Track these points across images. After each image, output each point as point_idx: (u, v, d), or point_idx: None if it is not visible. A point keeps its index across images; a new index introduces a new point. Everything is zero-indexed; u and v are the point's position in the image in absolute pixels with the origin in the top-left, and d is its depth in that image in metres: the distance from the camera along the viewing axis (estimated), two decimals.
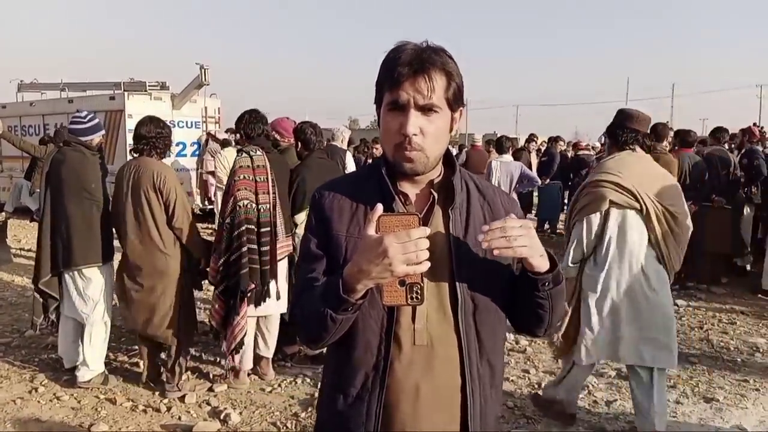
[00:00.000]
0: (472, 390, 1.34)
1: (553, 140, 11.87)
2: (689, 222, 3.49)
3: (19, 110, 13.75)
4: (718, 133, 7.76)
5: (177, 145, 11.71)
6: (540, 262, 1.28)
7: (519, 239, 1.21)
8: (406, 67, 1.27)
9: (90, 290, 4.19)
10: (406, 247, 1.10)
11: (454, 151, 14.89)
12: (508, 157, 7.83)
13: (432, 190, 1.39)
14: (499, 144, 8.03)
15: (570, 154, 12.69)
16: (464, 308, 1.33)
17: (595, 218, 3.39)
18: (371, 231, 1.16)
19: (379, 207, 1.17)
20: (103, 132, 4.50)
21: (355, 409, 1.35)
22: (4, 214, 11.93)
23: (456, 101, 1.34)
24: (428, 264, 1.12)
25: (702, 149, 7.51)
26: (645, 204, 3.33)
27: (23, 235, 10.22)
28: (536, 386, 4.36)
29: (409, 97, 1.28)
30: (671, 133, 8.50)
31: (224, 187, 4.64)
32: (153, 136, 4.01)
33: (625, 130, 3.49)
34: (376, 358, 1.32)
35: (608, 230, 3.38)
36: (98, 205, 4.18)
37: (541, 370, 4.68)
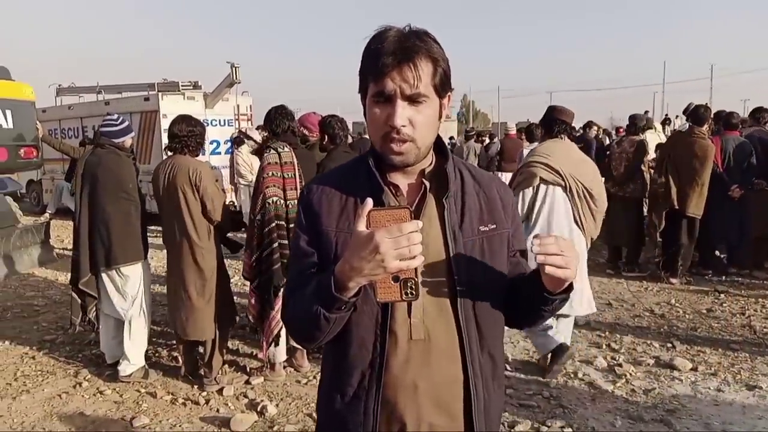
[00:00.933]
0: (475, 384, 1.31)
1: (587, 126, 11.61)
2: (605, 198, 4.27)
3: (58, 114, 14.12)
4: (758, 113, 7.51)
5: (211, 143, 11.91)
6: (564, 284, 1.24)
7: (571, 263, 1.18)
8: (390, 57, 1.21)
9: (128, 287, 4.31)
10: (398, 242, 1.06)
11: (486, 140, 14.80)
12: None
13: (423, 179, 1.34)
14: (530, 132, 7.93)
15: (607, 140, 12.43)
16: (463, 300, 1.30)
17: (528, 192, 4.12)
18: (362, 227, 1.11)
19: (369, 202, 1.13)
20: (133, 134, 4.61)
21: (353, 408, 1.32)
22: (47, 215, 12.30)
23: (443, 87, 1.29)
24: (422, 258, 1.09)
25: (741, 130, 7.26)
26: (569, 182, 4.06)
27: (66, 235, 10.50)
28: (572, 375, 4.32)
29: (395, 87, 1.22)
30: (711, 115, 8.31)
31: (247, 184, 4.70)
32: (185, 135, 4.08)
33: (557, 122, 4.25)
34: (372, 355, 1.29)
35: (538, 202, 4.11)
36: (135, 204, 4.31)
37: (577, 359, 4.62)
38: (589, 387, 4.16)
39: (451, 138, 20.92)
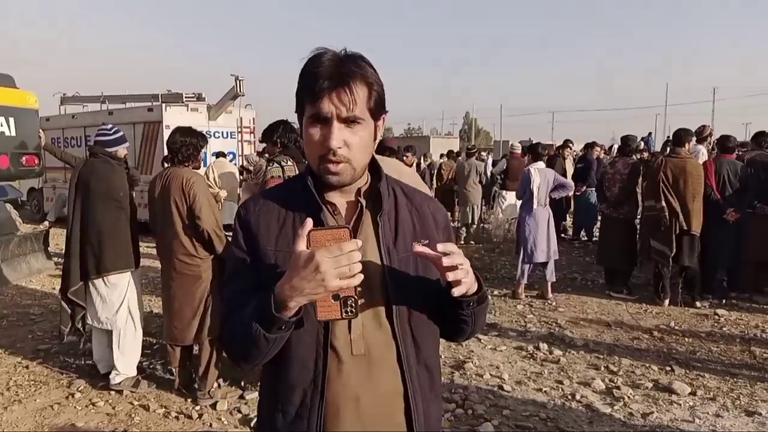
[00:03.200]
0: (413, 394, 1.33)
1: (589, 146, 11.64)
2: None
3: (61, 123, 14.17)
4: (760, 137, 7.50)
5: (214, 155, 11.94)
6: (471, 287, 1.27)
7: (469, 273, 1.24)
8: (326, 81, 1.23)
9: (114, 296, 4.30)
10: (339, 261, 1.08)
11: (490, 160, 14.80)
12: (542, 164, 7.76)
13: (359, 198, 1.37)
14: (535, 151, 7.95)
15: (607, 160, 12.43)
16: (399, 314, 1.32)
17: None
18: (302, 246, 1.12)
19: (309, 222, 1.14)
20: (127, 144, 4.62)
21: (296, 427, 1.31)
22: (46, 223, 12.31)
23: (378, 110, 1.31)
24: (361, 276, 1.11)
25: (743, 154, 7.27)
26: None
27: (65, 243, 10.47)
28: (570, 397, 4.28)
29: (331, 110, 1.24)
30: (711, 138, 8.32)
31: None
32: (180, 146, 4.08)
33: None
34: (313, 372, 1.29)
35: None
36: (126, 213, 4.32)
37: (575, 380, 4.58)
38: (587, 409, 4.12)
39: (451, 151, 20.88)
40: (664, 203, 6.46)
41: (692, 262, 6.59)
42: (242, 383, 4.46)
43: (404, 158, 8.57)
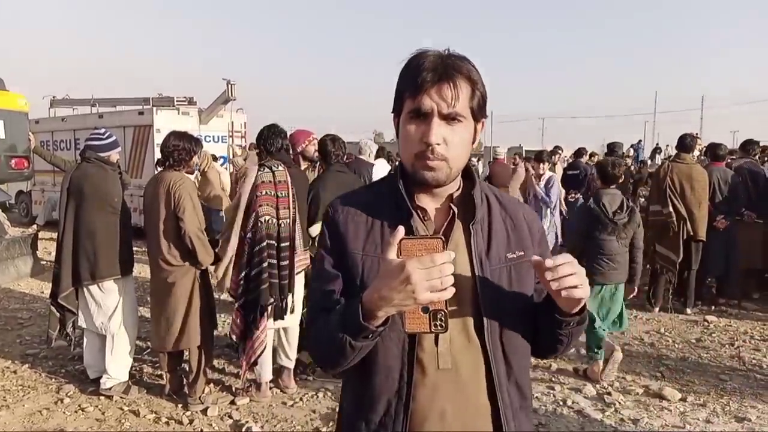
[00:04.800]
0: (505, 414, 1.28)
1: (578, 153, 11.68)
2: None
3: (51, 125, 14.05)
4: (748, 145, 7.59)
5: None
6: (576, 307, 1.22)
7: (584, 283, 1.16)
8: (430, 73, 1.21)
9: (108, 301, 4.26)
10: (430, 273, 1.03)
11: (480, 165, 14.81)
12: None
13: (451, 204, 1.32)
14: (539, 158, 7.99)
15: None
16: (490, 329, 1.27)
17: None
18: (392, 255, 1.07)
19: (401, 230, 1.10)
20: (120, 148, 4.59)
21: None
22: (35, 226, 12.19)
23: (479, 111, 1.28)
24: (453, 290, 1.05)
25: (731, 162, 7.35)
26: None
27: (53, 247, 10.38)
28: (561, 403, 4.28)
29: (432, 105, 1.21)
30: (700, 145, 8.39)
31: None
32: (171, 150, 4.07)
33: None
34: (398, 383, 1.26)
35: None
36: (121, 219, 4.29)
37: (566, 386, 4.59)
38: (578, 415, 4.13)
39: None
40: (671, 209, 6.47)
41: (696, 268, 6.63)
42: (233, 389, 4.43)
43: (396, 163, 8.58)
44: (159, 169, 4.24)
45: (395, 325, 1.21)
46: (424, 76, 1.21)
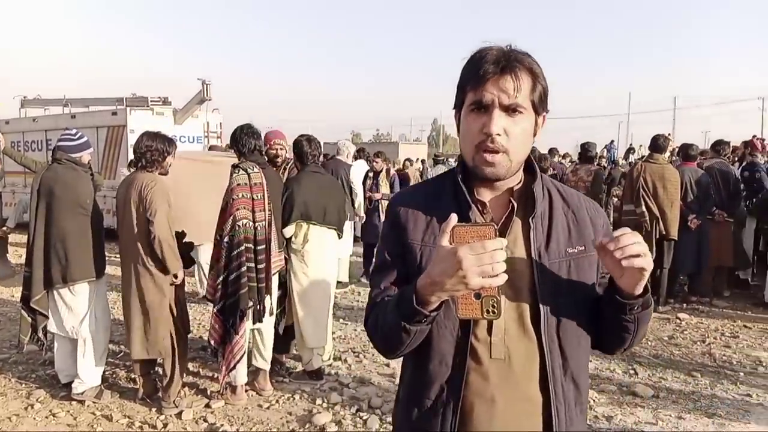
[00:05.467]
0: (557, 408, 1.28)
1: (550, 153, 11.80)
2: None
3: (22, 126, 13.81)
4: (718, 146, 7.74)
5: None
6: (638, 285, 1.22)
7: (646, 252, 1.17)
8: (492, 65, 1.23)
9: (80, 305, 4.19)
10: (481, 259, 1.04)
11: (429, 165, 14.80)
12: None
13: (511, 198, 1.34)
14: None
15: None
16: (547, 322, 1.28)
17: None
18: (445, 242, 1.10)
19: (453, 217, 1.12)
20: (91, 149, 4.51)
21: (430, 422, 1.31)
22: (5, 228, 11.96)
23: (541, 104, 1.30)
24: (505, 277, 1.06)
25: (702, 162, 7.49)
26: None
27: (24, 250, 10.21)
28: None
29: (493, 97, 1.24)
30: (672, 145, 8.52)
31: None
32: (143, 151, 4.01)
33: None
34: (451, 370, 1.29)
35: None
36: (93, 221, 4.22)
37: None
38: None
39: (422, 161, 21.04)
40: (644, 208, 6.56)
41: (668, 266, 6.73)
42: (208, 392, 4.39)
43: (374, 163, 8.60)
44: (132, 170, 4.18)
45: (450, 313, 1.24)
46: (486, 68, 1.24)
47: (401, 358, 1.43)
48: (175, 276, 4.01)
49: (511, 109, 1.25)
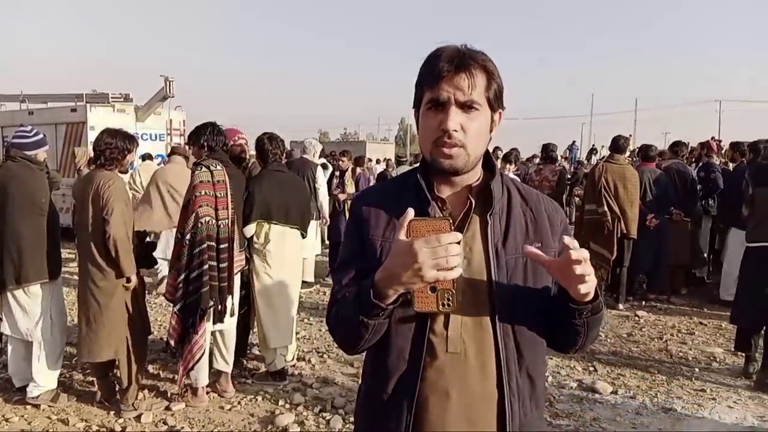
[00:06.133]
0: (510, 402, 1.30)
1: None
2: None
3: None
4: (676, 146, 7.94)
5: (141, 158, 11.57)
6: (588, 295, 1.23)
7: (590, 273, 1.19)
8: (447, 63, 1.27)
9: (35, 307, 4.07)
10: (436, 252, 1.08)
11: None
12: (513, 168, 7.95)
13: (470, 194, 1.36)
14: (506, 158, 8.09)
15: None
16: (502, 317, 1.30)
17: None
18: (402, 235, 1.13)
19: (410, 211, 1.15)
20: (47, 147, 4.39)
21: (387, 415, 1.33)
22: None
23: (496, 101, 1.33)
24: (460, 270, 1.10)
25: (660, 162, 7.66)
26: None
27: None
28: None
29: (449, 95, 1.27)
30: (631, 147, 8.71)
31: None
32: (103, 148, 3.92)
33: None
34: (408, 363, 1.31)
35: None
36: (48, 220, 4.09)
37: None
38: None
39: (387, 160, 21.06)
40: (606, 208, 6.67)
41: (628, 265, 6.87)
42: (169, 394, 4.32)
43: (340, 162, 8.58)
44: (91, 167, 4.09)
45: (409, 308, 1.24)
46: (442, 66, 1.27)
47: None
48: (128, 280, 3.91)
49: (466, 106, 1.28)
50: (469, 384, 1.30)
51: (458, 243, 1.10)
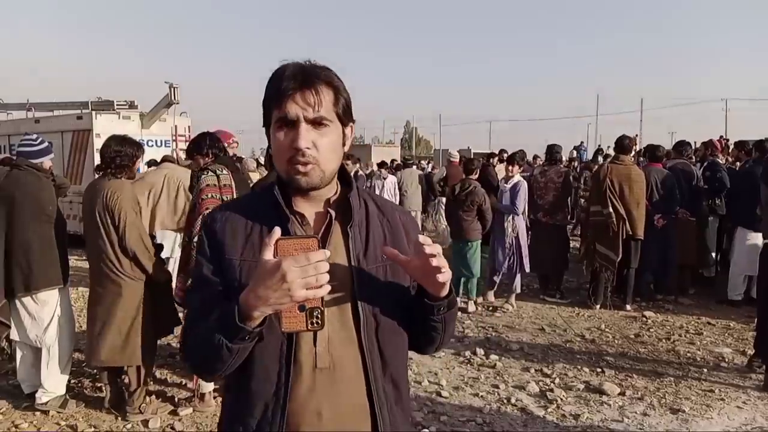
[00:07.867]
0: (380, 408, 1.31)
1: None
2: None
3: None
4: (680, 146, 7.91)
5: (147, 164, 11.62)
6: (443, 288, 1.28)
7: (447, 269, 1.24)
8: (291, 81, 1.25)
9: (44, 313, 4.10)
10: (306, 271, 1.07)
11: (430, 167, 14.95)
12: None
13: (329, 208, 1.36)
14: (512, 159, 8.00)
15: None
16: (366, 326, 1.31)
17: None
18: (268, 255, 1.11)
19: (277, 230, 1.13)
20: (52, 155, 4.42)
21: None
22: None
23: (346, 115, 1.34)
24: (328, 287, 1.10)
25: (665, 162, 7.64)
26: None
27: None
28: (505, 401, 4.36)
29: (298, 112, 1.26)
30: (637, 147, 8.69)
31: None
32: (111, 156, 3.94)
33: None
34: (275, 386, 1.27)
35: None
36: (56, 227, 4.12)
37: (510, 384, 4.68)
38: (522, 413, 4.21)
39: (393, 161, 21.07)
40: (611, 209, 6.65)
41: (635, 266, 6.85)
42: (176, 399, 4.34)
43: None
44: (97, 175, 4.10)
45: (273, 328, 1.22)
46: (287, 85, 1.26)
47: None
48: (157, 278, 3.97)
49: (316, 123, 1.28)
50: (340, 398, 1.29)
51: (326, 260, 1.10)
